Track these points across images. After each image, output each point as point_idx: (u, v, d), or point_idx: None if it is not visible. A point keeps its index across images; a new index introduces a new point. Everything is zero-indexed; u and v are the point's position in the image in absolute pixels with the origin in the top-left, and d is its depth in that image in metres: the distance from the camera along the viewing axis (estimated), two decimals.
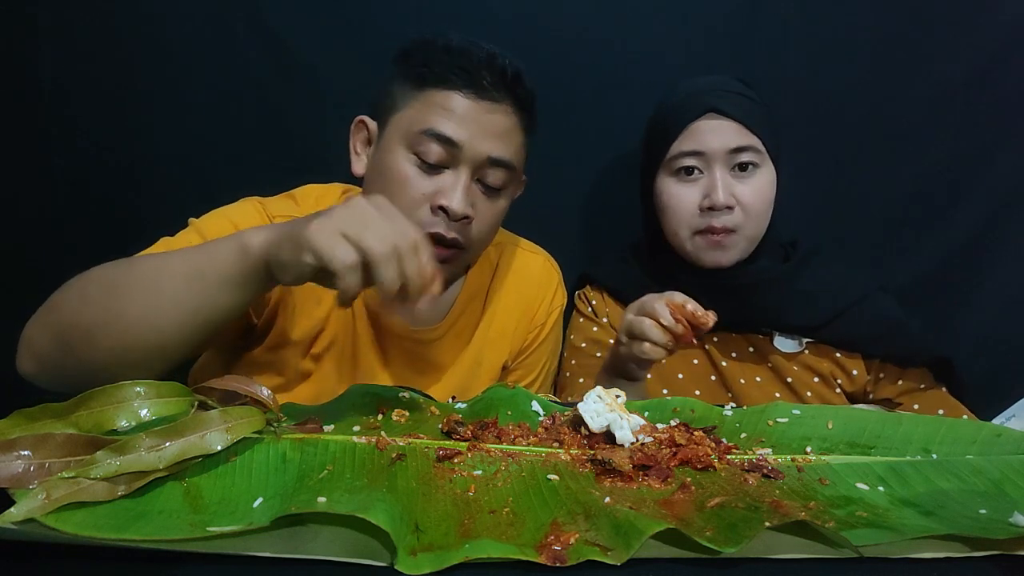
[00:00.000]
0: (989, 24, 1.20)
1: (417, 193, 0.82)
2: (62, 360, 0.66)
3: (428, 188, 0.82)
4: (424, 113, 0.82)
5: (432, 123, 0.82)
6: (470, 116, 0.82)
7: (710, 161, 0.96)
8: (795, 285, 1.02)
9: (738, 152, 0.96)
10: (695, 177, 0.98)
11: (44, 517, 0.46)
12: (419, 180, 0.82)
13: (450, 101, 0.82)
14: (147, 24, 1.16)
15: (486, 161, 0.83)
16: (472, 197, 0.83)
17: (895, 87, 1.22)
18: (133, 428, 0.57)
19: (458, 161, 0.82)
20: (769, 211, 0.99)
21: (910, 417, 0.71)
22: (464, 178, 0.82)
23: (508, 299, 1.01)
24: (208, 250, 0.65)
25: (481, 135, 0.82)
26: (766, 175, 0.98)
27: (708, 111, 0.96)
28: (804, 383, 1.03)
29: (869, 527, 0.52)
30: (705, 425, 0.70)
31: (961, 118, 1.23)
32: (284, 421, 0.63)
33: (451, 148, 0.82)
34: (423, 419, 0.69)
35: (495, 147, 0.83)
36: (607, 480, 0.59)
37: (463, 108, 0.82)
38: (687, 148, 0.97)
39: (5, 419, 0.55)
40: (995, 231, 1.26)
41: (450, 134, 0.81)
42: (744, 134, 0.96)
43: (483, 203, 0.85)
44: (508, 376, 1.03)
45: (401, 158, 0.83)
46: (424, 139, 0.82)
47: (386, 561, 0.46)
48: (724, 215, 0.96)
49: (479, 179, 0.85)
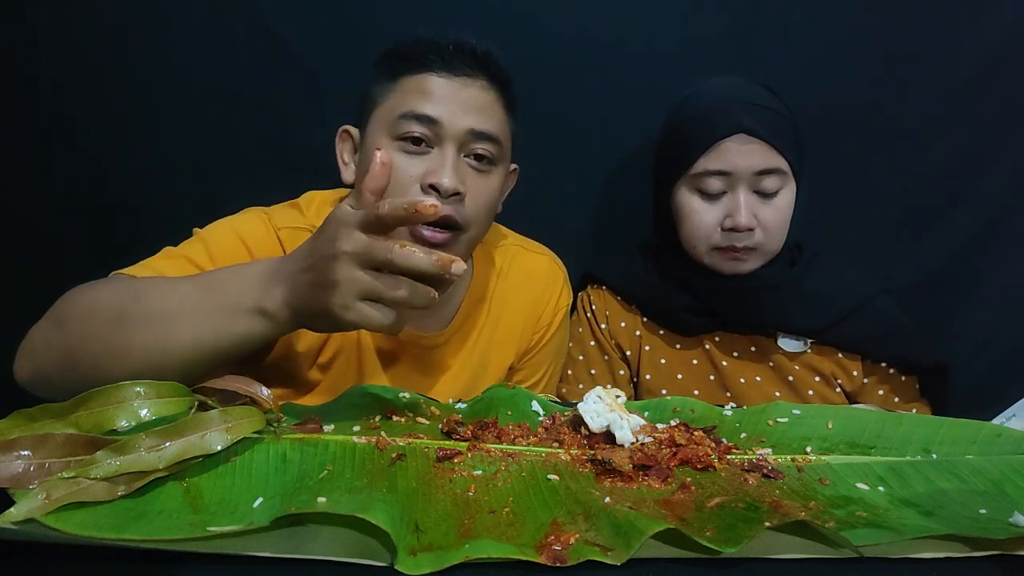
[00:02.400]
0: (989, 25, 1.20)
1: (406, 176, 0.82)
2: (63, 376, 0.65)
3: (416, 170, 0.82)
4: (401, 99, 0.83)
5: (410, 105, 0.82)
6: (446, 93, 0.83)
7: (735, 182, 0.94)
8: (801, 288, 1.02)
9: (764, 174, 0.93)
10: (718, 195, 0.96)
11: (44, 517, 0.46)
12: (406, 164, 0.82)
13: (425, 83, 0.83)
14: (147, 25, 1.16)
15: (469, 134, 0.83)
16: (461, 173, 0.83)
17: (895, 88, 1.22)
18: (133, 428, 0.57)
19: (441, 139, 0.83)
20: (787, 227, 0.98)
21: (910, 417, 0.71)
22: (450, 154, 0.82)
23: (514, 300, 1.01)
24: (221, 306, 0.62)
25: (460, 110, 0.83)
26: (788, 194, 0.96)
27: (738, 131, 0.92)
28: (806, 383, 1.03)
29: (869, 527, 0.51)
30: (705, 425, 0.70)
31: (961, 118, 1.23)
32: (284, 421, 0.63)
33: (432, 126, 0.82)
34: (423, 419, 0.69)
35: (475, 120, 0.83)
36: (607, 480, 0.59)
37: (438, 87, 0.83)
38: (713, 167, 0.94)
39: (5, 419, 0.55)
40: (995, 231, 1.26)
41: (429, 112, 0.82)
42: (772, 156, 0.93)
43: (473, 179, 0.85)
44: (514, 376, 1.03)
45: (385, 147, 0.83)
46: (404, 122, 0.82)
47: (386, 561, 0.46)
48: (745, 236, 0.95)
49: (466, 155, 0.85)
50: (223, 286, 0.64)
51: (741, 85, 0.98)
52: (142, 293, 0.66)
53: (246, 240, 0.83)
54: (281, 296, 0.61)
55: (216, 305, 0.63)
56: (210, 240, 0.82)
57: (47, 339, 0.67)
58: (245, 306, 0.61)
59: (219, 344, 0.62)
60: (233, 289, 0.63)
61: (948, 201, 1.26)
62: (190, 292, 0.64)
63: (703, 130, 0.95)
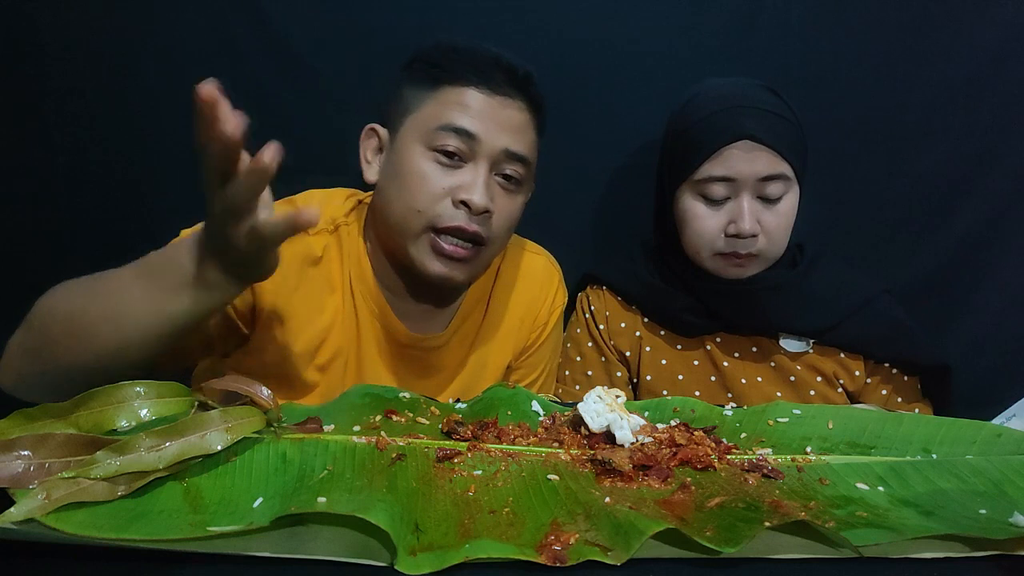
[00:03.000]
0: (989, 25, 1.20)
1: (438, 188, 0.83)
2: (38, 379, 0.66)
3: (448, 183, 0.83)
4: (440, 110, 0.83)
5: (449, 118, 0.83)
6: (485, 111, 0.83)
7: (739, 188, 0.94)
8: (803, 289, 1.01)
9: (768, 180, 0.93)
10: (721, 201, 0.95)
11: (44, 517, 0.46)
12: (439, 176, 0.83)
13: (465, 97, 0.83)
14: (148, 25, 1.16)
15: (503, 155, 0.84)
16: (492, 191, 0.84)
17: (895, 87, 1.22)
18: (133, 428, 0.57)
19: (476, 155, 0.83)
20: (790, 232, 0.98)
21: (910, 417, 0.71)
22: (483, 172, 0.83)
23: (511, 300, 1.01)
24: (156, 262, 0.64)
25: (497, 129, 0.83)
26: (791, 199, 0.96)
27: (743, 138, 0.92)
28: (807, 383, 1.03)
29: (869, 527, 0.52)
30: (705, 425, 0.70)
31: (961, 118, 1.23)
32: (284, 421, 0.63)
33: (469, 141, 0.82)
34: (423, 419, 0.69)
35: (511, 141, 0.84)
36: (607, 480, 0.59)
37: (478, 103, 0.83)
38: (717, 173, 0.93)
39: (5, 419, 0.55)
40: (995, 231, 1.25)
41: (468, 127, 0.82)
42: (776, 162, 0.92)
43: (502, 198, 0.86)
44: (511, 375, 1.04)
45: (419, 156, 0.84)
46: (442, 134, 0.82)
47: (386, 561, 0.46)
48: (749, 242, 0.95)
49: (497, 173, 0.85)
50: (161, 269, 0.65)
51: (745, 88, 0.97)
52: (92, 290, 0.67)
53: None
54: (213, 263, 0.62)
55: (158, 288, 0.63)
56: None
57: (20, 342, 0.68)
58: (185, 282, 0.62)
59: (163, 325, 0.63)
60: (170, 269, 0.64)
61: (948, 201, 1.26)
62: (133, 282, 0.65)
63: (707, 136, 0.94)
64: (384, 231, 0.89)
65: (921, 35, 1.21)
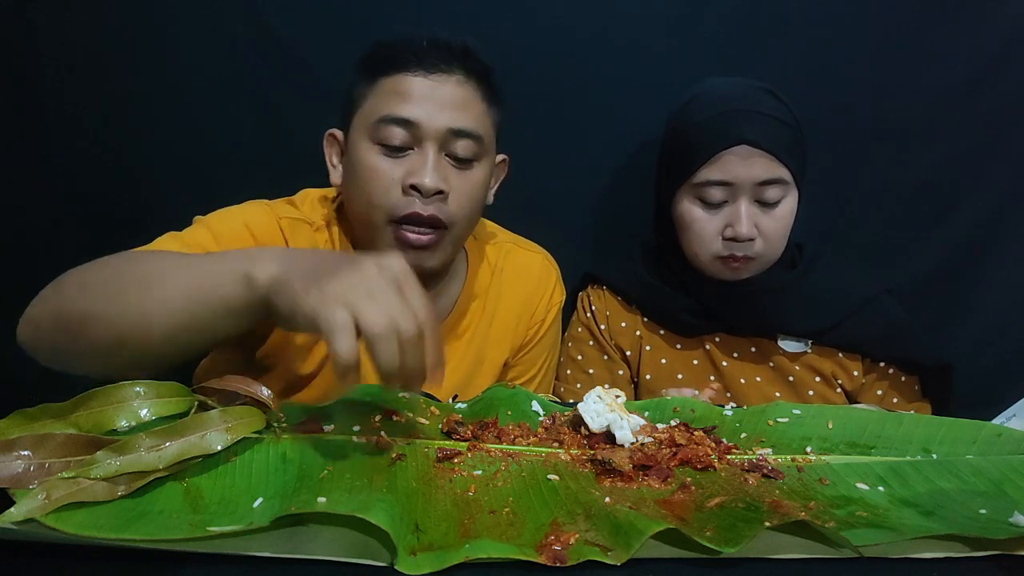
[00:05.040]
0: (990, 24, 1.20)
1: (387, 179, 0.83)
2: (56, 340, 0.65)
3: (398, 172, 0.83)
4: (378, 102, 0.84)
5: (387, 109, 0.83)
6: (422, 93, 0.83)
7: (737, 192, 0.93)
8: (802, 290, 1.01)
9: (766, 185, 0.93)
10: (719, 204, 0.95)
11: (44, 517, 0.46)
12: (388, 166, 0.83)
13: (401, 84, 0.83)
14: (147, 24, 1.16)
15: (448, 134, 0.83)
16: (443, 172, 0.84)
17: (895, 87, 1.22)
18: (133, 428, 0.57)
19: (420, 139, 0.83)
20: (788, 235, 0.98)
21: (910, 417, 0.71)
22: (431, 154, 0.83)
23: (509, 298, 1.01)
24: (214, 268, 0.62)
25: (436, 109, 0.83)
26: (789, 203, 0.96)
27: (741, 143, 0.91)
28: (806, 383, 1.03)
29: (869, 527, 0.52)
30: (705, 425, 0.70)
31: (961, 118, 1.23)
32: (284, 421, 0.63)
33: (410, 127, 0.82)
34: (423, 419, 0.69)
35: (453, 118, 0.84)
36: (607, 480, 0.59)
37: (414, 87, 0.83)
38: (715, 178, 0.93)
39: (5, 419, 0.55)
40: (995, 231, 1.25)
41: (406, 115, 0.82)
42: (774, 166, 0.92)
43: (456, 177, 0.85)
44: (509, 372, 1.04)
45: (367, 151, 0.84)
46: (383, 127, 0.83)
47: (386, 561, 0.46)
48: (746, 245, 0.95)
49: (447, 153, 0.85)
50: (223, 255, 0.65)
51: (744, 91, 0.96)
52: (139, 259, 0.68)
53: (251, 226, 0.84)
54: (275, 264, 0.59)
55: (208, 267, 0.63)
56: (214, 225, 0.82)
57: (44, 298, 0.67)
58: (236, 270, 0.60)
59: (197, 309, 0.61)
60: (231, 256, 0.63)
61: (948, 201, 1.26)
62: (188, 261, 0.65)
63: (705, 140, 0.94)
64: (356, 230, 0.90)
65: (921, 35, 1.20)
